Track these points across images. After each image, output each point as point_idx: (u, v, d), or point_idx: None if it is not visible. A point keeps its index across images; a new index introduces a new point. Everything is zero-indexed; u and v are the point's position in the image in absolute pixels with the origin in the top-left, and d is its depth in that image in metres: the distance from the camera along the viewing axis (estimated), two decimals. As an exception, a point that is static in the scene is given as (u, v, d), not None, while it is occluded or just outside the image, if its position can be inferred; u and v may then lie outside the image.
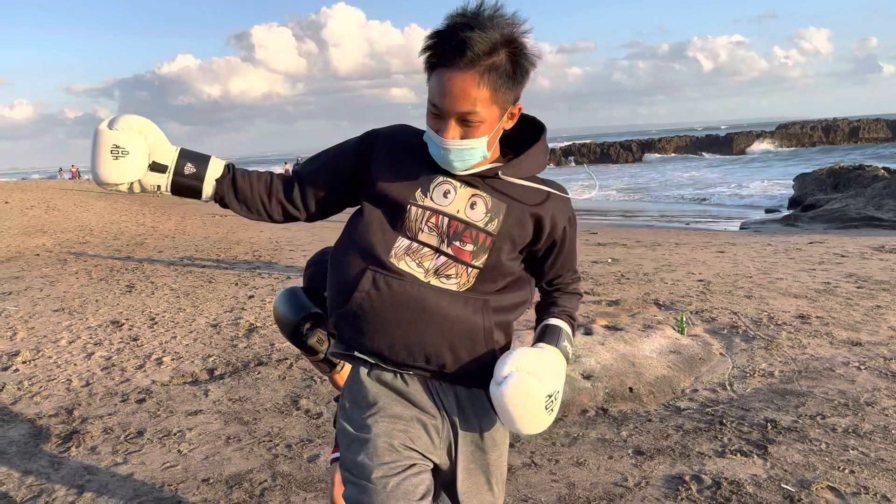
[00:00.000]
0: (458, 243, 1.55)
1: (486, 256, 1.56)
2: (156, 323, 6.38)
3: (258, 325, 6.15)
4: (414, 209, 1.56)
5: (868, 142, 61.73)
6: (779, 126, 69.58)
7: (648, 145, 69.03)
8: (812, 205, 17.34)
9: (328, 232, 14.79)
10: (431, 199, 1.55)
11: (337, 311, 1.62)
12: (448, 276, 1.56)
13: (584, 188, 25.44)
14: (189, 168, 1.56)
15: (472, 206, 1.55)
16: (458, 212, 1.55)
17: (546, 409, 1.52)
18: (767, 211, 20.58)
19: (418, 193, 1.56)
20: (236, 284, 8.21)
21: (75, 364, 5.19)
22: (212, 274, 9.05)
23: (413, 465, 1.57)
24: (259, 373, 4.83)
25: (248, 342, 5.61)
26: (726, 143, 65.39)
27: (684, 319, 5.61)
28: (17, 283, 8.52)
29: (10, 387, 4.69)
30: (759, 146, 63.53)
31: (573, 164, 64.56)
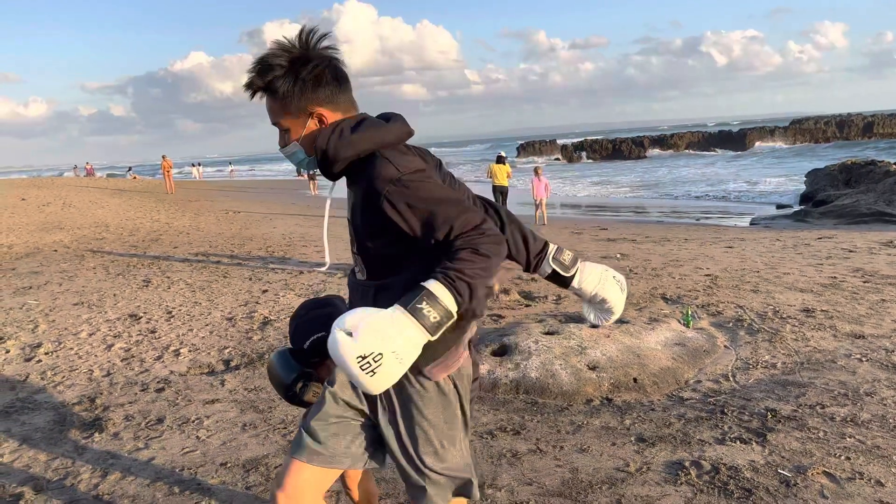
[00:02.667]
0: (350, 236, 1.81)
1: (356, 244, 1.76)
2: (172, 316, 6.54)
3: (272, 318, 6.29)
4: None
5: (882, 137, 61.14)
6: (792, 121, 69.07)
7: (660, 141, 68.71)
8: (823, 200, 17.30)
9: (342, 229, 14.93)
10: None
11: None
12: (356, 266, 1.81)
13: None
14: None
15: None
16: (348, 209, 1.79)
17: (362, 369, 1.46)
18: (779, 207, 20.53)
19: None
20: (250, 279, 8.37)
21: (96, 355, 5.35)
22: (226, 269, 9.22)
23: (346, 418, 1.82)
24: (273, 364, 4.96)
25: (263, 334, 5.75)
26: (739, 139, 64.97)
27: (690, 313, 5.70)
28: (37, 278, 8.71)
29: (33, 377, 4.86)
30: (773, 142, 63.12)
31: (585, 159, 64.38)
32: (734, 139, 65.72)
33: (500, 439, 3.63)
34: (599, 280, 2.02)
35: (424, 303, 1.49)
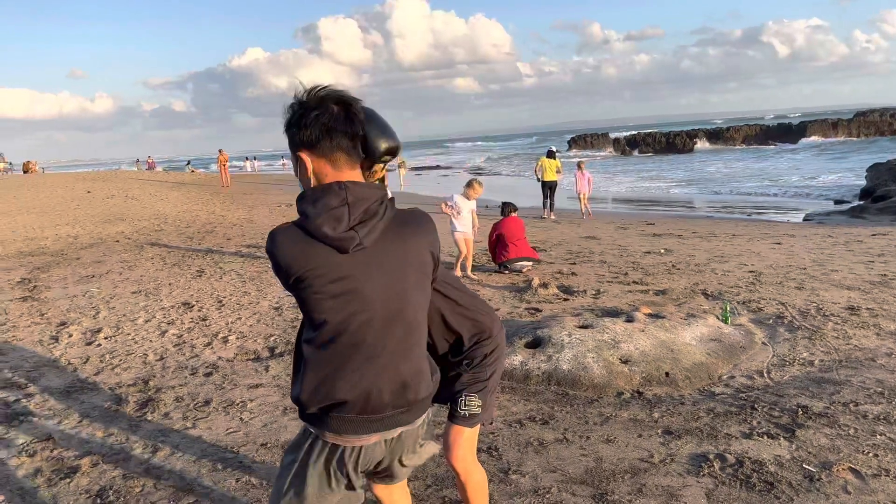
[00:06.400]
0: None
1: None
2: (223, 305, 6.83)
3: (316, 308, 6.50)
4: None
5: (954, 130, 58.36)
6: (856, 114, 66.42)
7: (715, 135, 67.08)
8: (883, 196, 16.71)
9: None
10: None
11: None
12: None
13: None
14: None
15: None
16: None
17: None
18: (836, 202, 19.91)
19: None
20: (298, 270, 8.61)
21: (151, 340, 5.66)
22: (275, 260, 9.49)
23: None
24: (315, 352, 5.16)
25: (307, 324, 5.97)
26: (798, 132, 62.88)
27: (728, 309, 5.67)
28: (100, 267, 9.17)
29: (93, 359, 5.18)
30: (835, 135, 60.90)
31: (638, 153, 63.37)
32: (794, 132, 63.61)
33: (529, 428, 3.73)
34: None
35: None
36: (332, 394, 1.67)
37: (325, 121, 1.65)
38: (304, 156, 1.68)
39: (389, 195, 1.77)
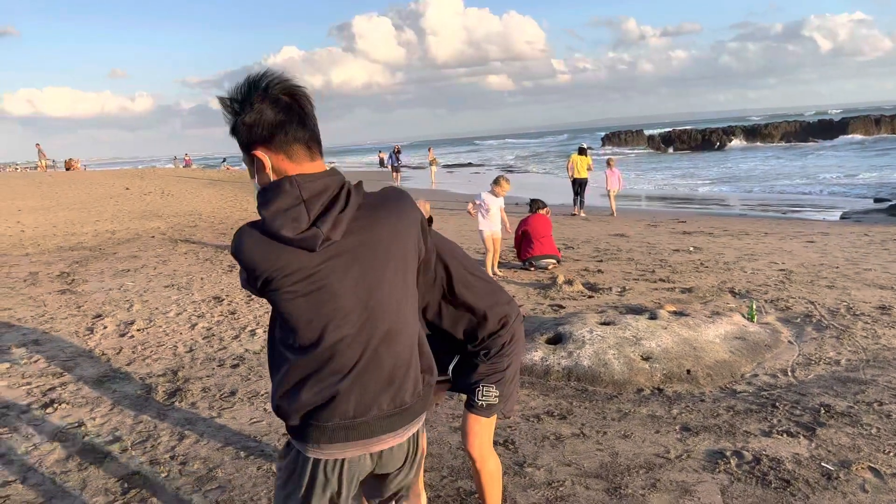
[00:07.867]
0: None
1: None
2: (252, 299, 6.96)
3: (342, 303, 6.60)
4: None
5: None
6: (901, 109, 64.55)
7: (753, 131, 65.79)
8: (925, 194, 16.23)
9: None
10: None
11: None
12: None
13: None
14: None
15: None
16: None
17: None
18: (876, 200, 19.40)
19: None
20: (326, 266, 8.73)
21: (181, 333, 5.80)
22: (305, 256, 9.62)
23: None
24: (340, 345, 5.25)
25: (332, 318, 6.06)
26: (840, 129, 61.31)
27: (754, 307, 5.61)
28: (135, 262, 9.41)
29: (126, 350, 5.34)
30: (877, 132, 59.23)
31: (673, 150, 62.53)
32: (834, 129, 62.04)
33: (546, 423, 3.76)
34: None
35: None
36: (310, 398, 1.55)
37: (277, 112, 1.52)
38: (261, 153, 1.54)
39: (354, 182, 1.65)
